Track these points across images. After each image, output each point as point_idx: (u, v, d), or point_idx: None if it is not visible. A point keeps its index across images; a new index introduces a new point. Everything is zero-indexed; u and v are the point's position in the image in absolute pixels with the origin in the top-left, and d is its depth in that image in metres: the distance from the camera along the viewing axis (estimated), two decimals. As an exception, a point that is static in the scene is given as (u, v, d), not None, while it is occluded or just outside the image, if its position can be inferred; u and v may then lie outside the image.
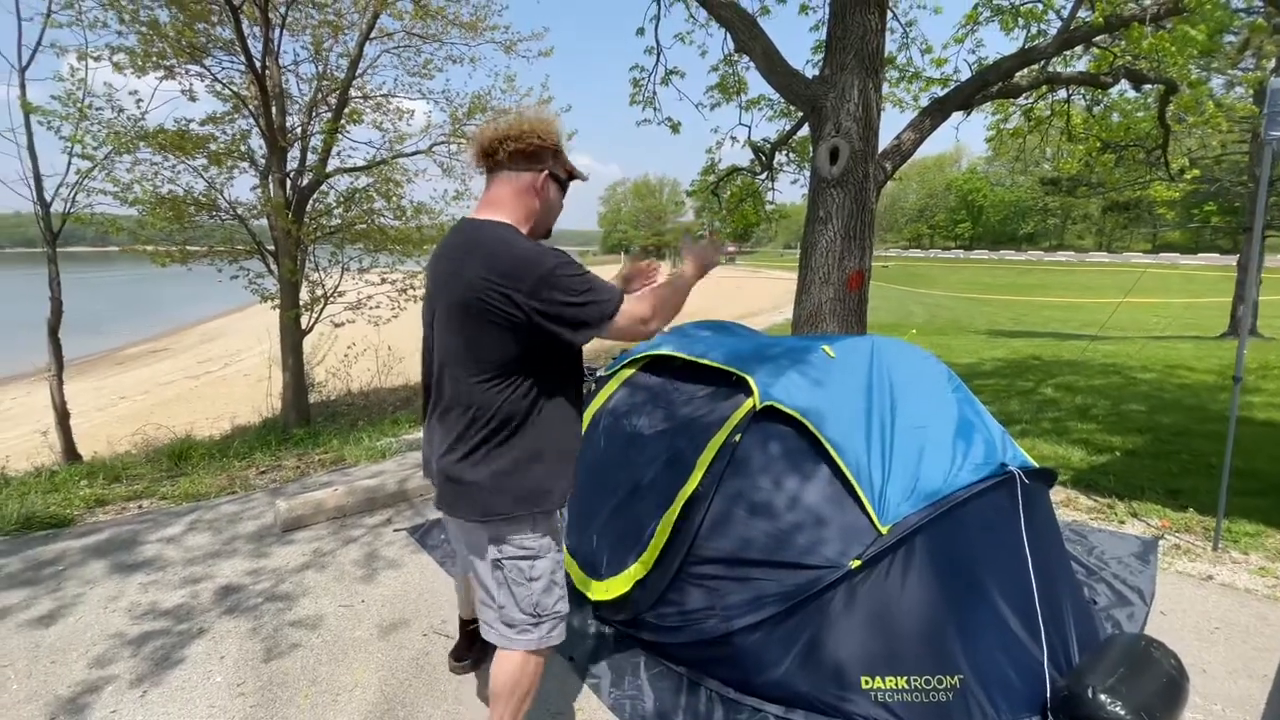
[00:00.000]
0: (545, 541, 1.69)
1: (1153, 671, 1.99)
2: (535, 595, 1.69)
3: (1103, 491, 4.16)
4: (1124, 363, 9.48)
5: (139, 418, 10.76)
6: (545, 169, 1.66)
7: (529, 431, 1.61)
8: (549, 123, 1.66)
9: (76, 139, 6.17)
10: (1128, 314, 21.37)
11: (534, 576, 1.68)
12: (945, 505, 2.08)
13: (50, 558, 3.27)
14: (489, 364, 1.57)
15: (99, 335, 23.07)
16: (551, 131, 1.65)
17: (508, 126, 1.64)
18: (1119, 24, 4.68)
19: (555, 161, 1.68)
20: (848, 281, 4.61)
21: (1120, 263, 52.43)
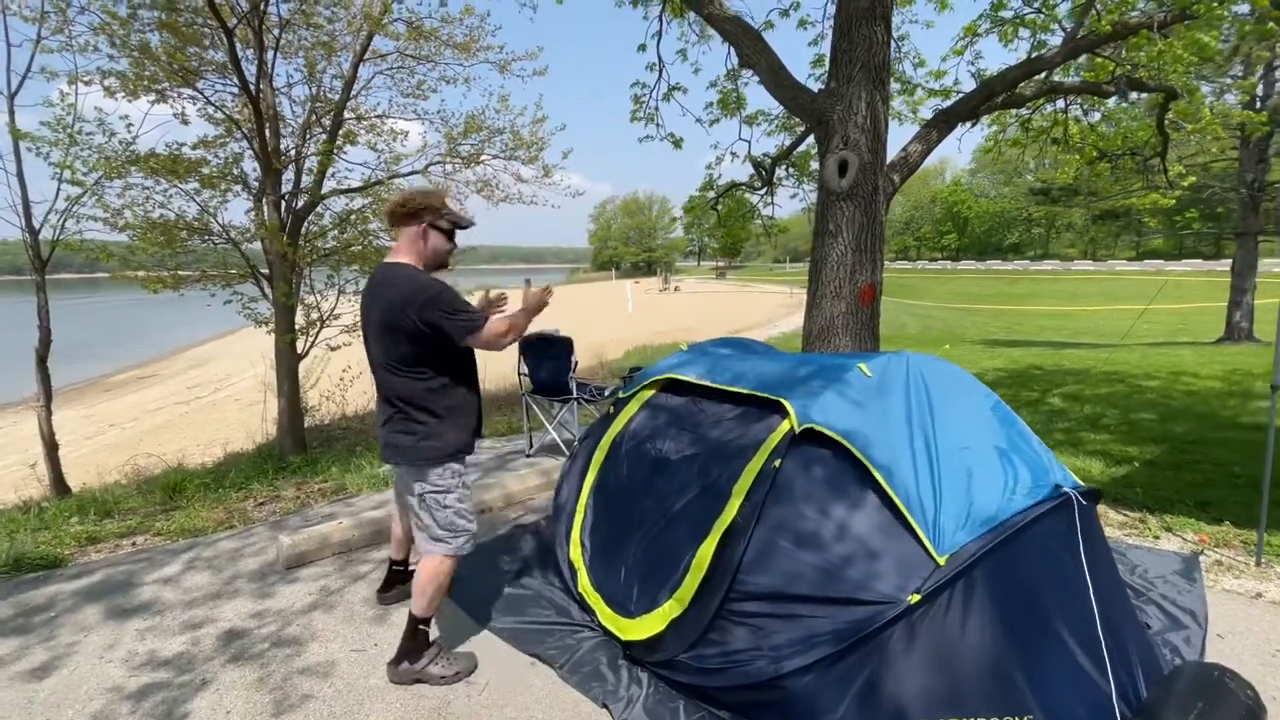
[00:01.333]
0: (452, 481, 2.45)
1: (1230, 704, 1.87)
2: (449, 516, 2.45)
3: (1131, 505, 4.07)
4: (1127, 371, 9.46)
5: (129, 446, 10.51)
6: (425, 223, 2.40)
7: (433, 406, 2.39)
8: (429, 192, 2.43)
9: (66, 165, 6.01)
10: (1119, 321, 21.51)
11: (446, 505, 2.44)
12: (1003, 532, 1.97)
13: (42, 602, 3.08)
14: (401, 362, 2.36)
15: (86, 362, 22.68)
16: (430, 197, 2.41)
17: (398, 198, 2.44)
18: (1125, 32, 4.67)
19: (434, 216, 2.41)
20: (860, 295, 4.53)
21: (1105, 270, 53.03)
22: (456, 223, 2.48)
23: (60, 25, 5.85)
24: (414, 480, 2.44)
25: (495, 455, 5.72)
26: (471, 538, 2.51)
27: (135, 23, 5.92)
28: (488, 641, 2.72)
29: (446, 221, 2.43)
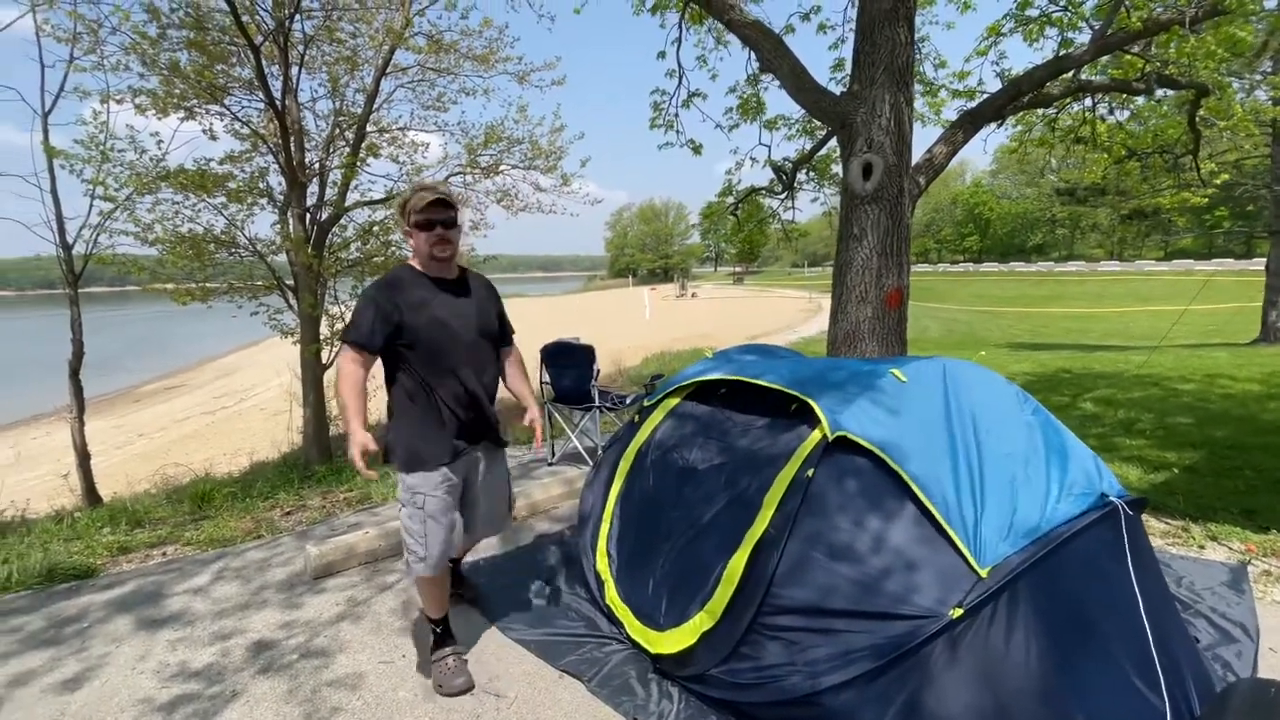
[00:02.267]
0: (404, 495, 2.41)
1: (1294, 725, 1.78)
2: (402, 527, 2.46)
3: (1173, 513, 3.94)
4: (1161, 374, 9.22)
5: (157, 455, 10.70)
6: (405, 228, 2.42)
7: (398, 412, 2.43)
8: (401, 196, 2.51)
9: (98, 181, 6.16)
10: (1149, 322, 21.03)
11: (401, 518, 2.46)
12: (1048, 543, 1.90)
13: (74, 613, 3.12)
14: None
15: (116, 373, 23.22)
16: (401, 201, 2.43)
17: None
18: (1156, 28, 4.56)
19: (405, 220, 2.40)
20: (886, 299, 4.46)
21: (1133, 271, 51.95)
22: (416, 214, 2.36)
23: (92, 45, 6.00)
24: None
25: (518, 464, 5.71)
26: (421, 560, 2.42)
27: (165, 42, 6.04)
28: (515, 653, 2.70)
29: (410, 219, 2.38)
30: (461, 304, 2.44)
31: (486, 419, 2.49)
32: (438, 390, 2.36)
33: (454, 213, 2.38)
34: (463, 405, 2.39)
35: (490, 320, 2.55)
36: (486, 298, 2.58)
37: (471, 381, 2.41)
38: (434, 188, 2.39)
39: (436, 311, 2.35)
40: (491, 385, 2.52)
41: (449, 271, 2.47)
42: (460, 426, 2.41)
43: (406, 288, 2.36)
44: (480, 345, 2.47)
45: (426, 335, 2.33)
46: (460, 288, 2.49)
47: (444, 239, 2.37)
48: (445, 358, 2.36)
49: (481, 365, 2.47)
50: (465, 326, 2.41)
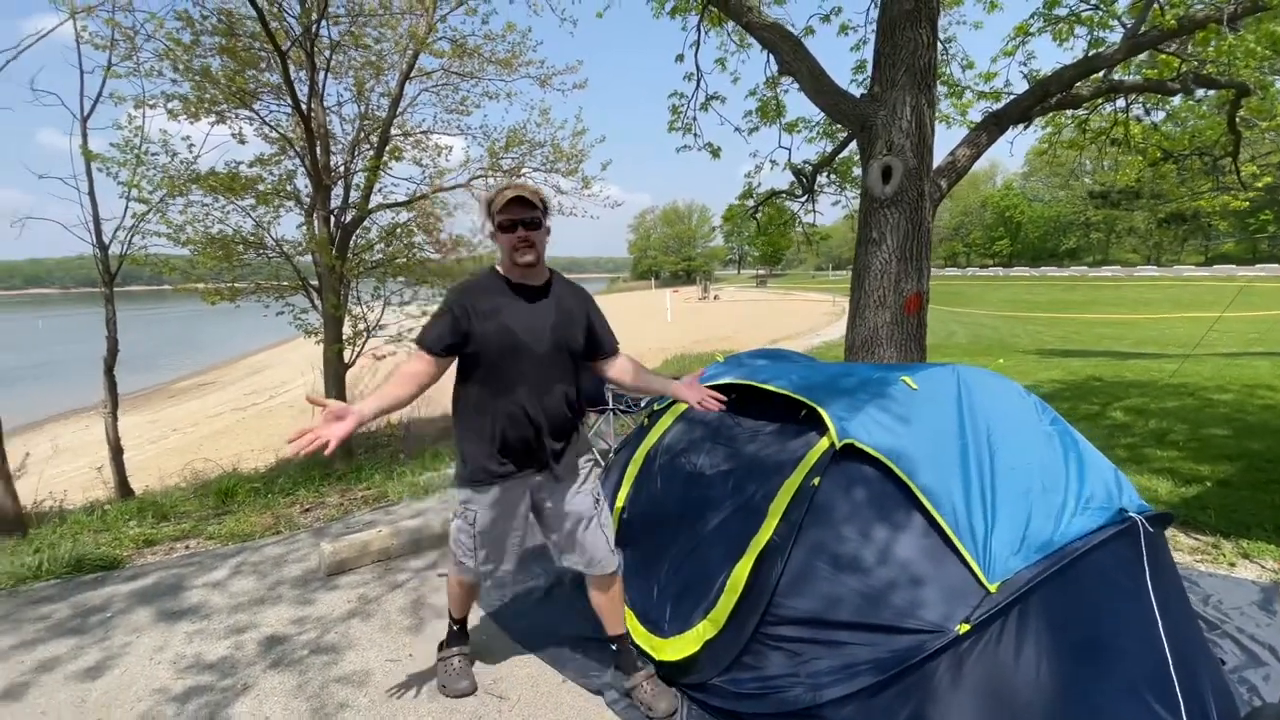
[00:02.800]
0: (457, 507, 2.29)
1: (1321, 755, 1.70)
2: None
3: (1203, 529, 3.80)
4: (1197, 383, 8.92)
5: (188, 450, 10.99)
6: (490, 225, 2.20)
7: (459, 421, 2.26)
8: (486, 196, 2.22)
9: (134, 184, 6.35)
10: (1187, 330, 20.39)
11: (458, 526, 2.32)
12: (1061, 559, 1.85)
13: (99, 603, 3.21)
14: None
15: (153, 369, 23.93)
16: (485, 200, 2.21)
17: None
18: (1192, 26, 4.42)
19: (489, 218, 2.20)
20: (905, 304, 4.39)
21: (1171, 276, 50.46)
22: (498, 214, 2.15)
23: (129, 52, 6.18)
24: None
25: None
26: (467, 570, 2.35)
27: (198, 49, 6.21)
28: (519, 656, 2.70)
29: (491, 222, 2.19)
30: (539, 314, 2.19)
31: (546, 443, 2.21)
32: (494, 405, 2.16)
33: (538, 212, 2.14)
34: (516, 426, 2.16)
35: (573, 333, 2.25)
36: (573, 308, 2.28)
37: (530, 402, 2.16)
38: (518, 185, 2.15)
39: (507, 320, 2.13)
40: (557, 407, 2.22)
41: (533, 277, 2.22)
42: (509, 449, 2.18)
43: (482, 293, 2.17)
44: (553, 361, 2.19)
45: (491, 345, 2.12)
46: (543, 296, 2.23)
47: (526, 241, 2.12)
48: (506, 372, 2.15)
49: (547, 384, 2.18)
50: (537, 339, 2.16)
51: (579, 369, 2.32)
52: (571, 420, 2.29)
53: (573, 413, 2.29)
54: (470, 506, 2.23)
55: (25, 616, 3.07)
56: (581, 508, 2.30)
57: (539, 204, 2.15)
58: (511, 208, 2.12)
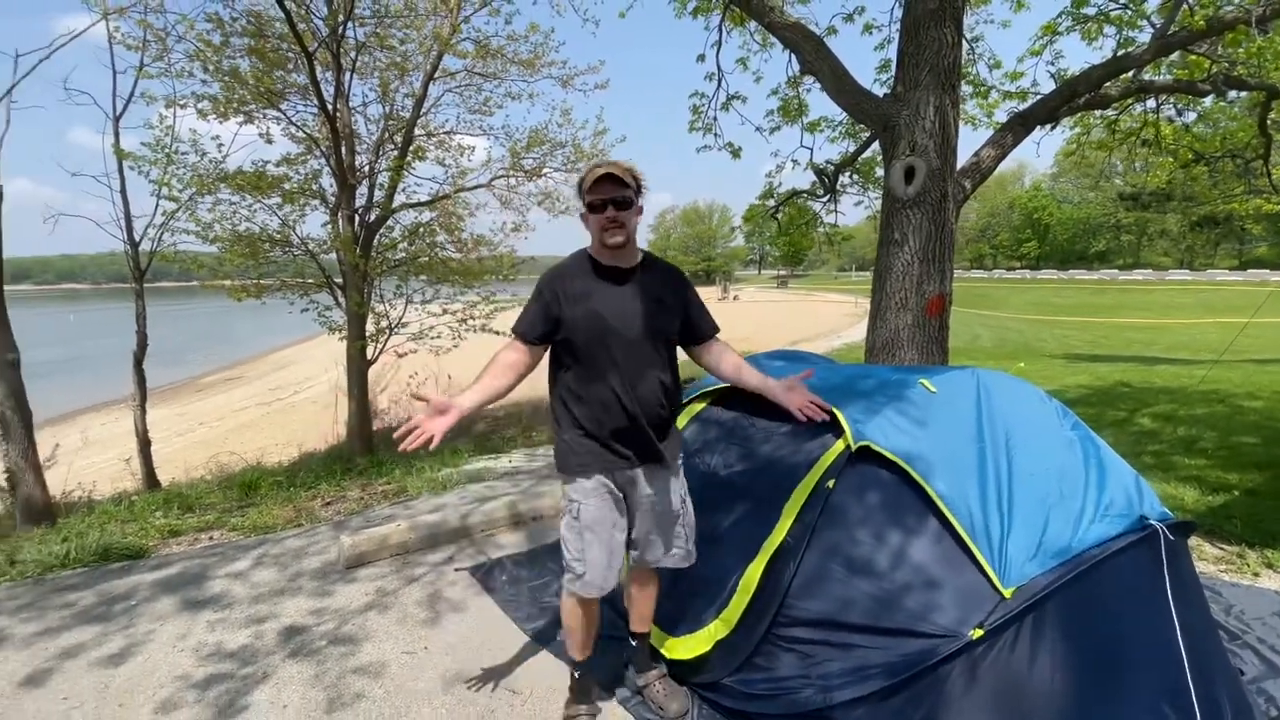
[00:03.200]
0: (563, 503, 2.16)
1: (1349, 773, 1.65)
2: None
3: (1229, 538, 3.71)
4: (1228, 390, 8.70)
5: (214, 444, 11.21)
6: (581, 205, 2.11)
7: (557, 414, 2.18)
8: (579, 176, 2.09)
9: (164, 182, 6.51)
10: (1219, 335, 19.87)
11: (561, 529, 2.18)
12: (1078, 565, 1.82)
13: (123, 592, 3.29)
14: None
15: (181, 364, 24.47)
16: (578, 181, 2.10)
17: None
18: (1221, 27, 4.32)
19: (580, 198, 2.10)
20: (927, 306, 4.34)
21: (1204, 280, 49.19)
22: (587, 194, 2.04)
23: (160, 53, 6.33)
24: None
25: (548, 463, 5.77)
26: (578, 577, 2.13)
27: (227, 50, 6.34)
28: (532, 650, 2.72)
29: (584, 199, 2.07)
30: (629, 298, 2.07)
31: (641, 431, 2.09)
32: (588, 393, 2.08)
33: (629, 191, 2.02)
34: (611, 413, 2.06)
35: (667, 318, 2.14)
36: (668, 291, 2.15)
37: (623, 389, 2.05)
38: (609, 162, 2.02)
39: (596, 305, 2.04)
40: (653, 393, 2.10)
41: (624, 259, 2.10)
42: (610, 436, 2.08)
43: (572, 277, 2.09)
44: (644, 347, 2.07)
45: (580, 331, 2.04)
46: (634, 279, 2.10)
47: (616, 222, 2.01)
48: (598, 358, 2.05)
49: (640, 370, 2.07)
50: (628, 324, 2.05)
51: (674, 356, 2.21)
52: (668, 410, 2.16)
53: (669, 402, 2.16)
54: (574, 499, 2.12)
55: (51, 604, 3.16)
56: (674, 504, 2.21)
57: (631, 182, 2.03)
58: (601, 186, 2.00)
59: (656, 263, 2.20)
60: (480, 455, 6.51)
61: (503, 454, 6.53)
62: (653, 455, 2.12)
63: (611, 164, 2.01)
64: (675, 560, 2.25)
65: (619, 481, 2.14)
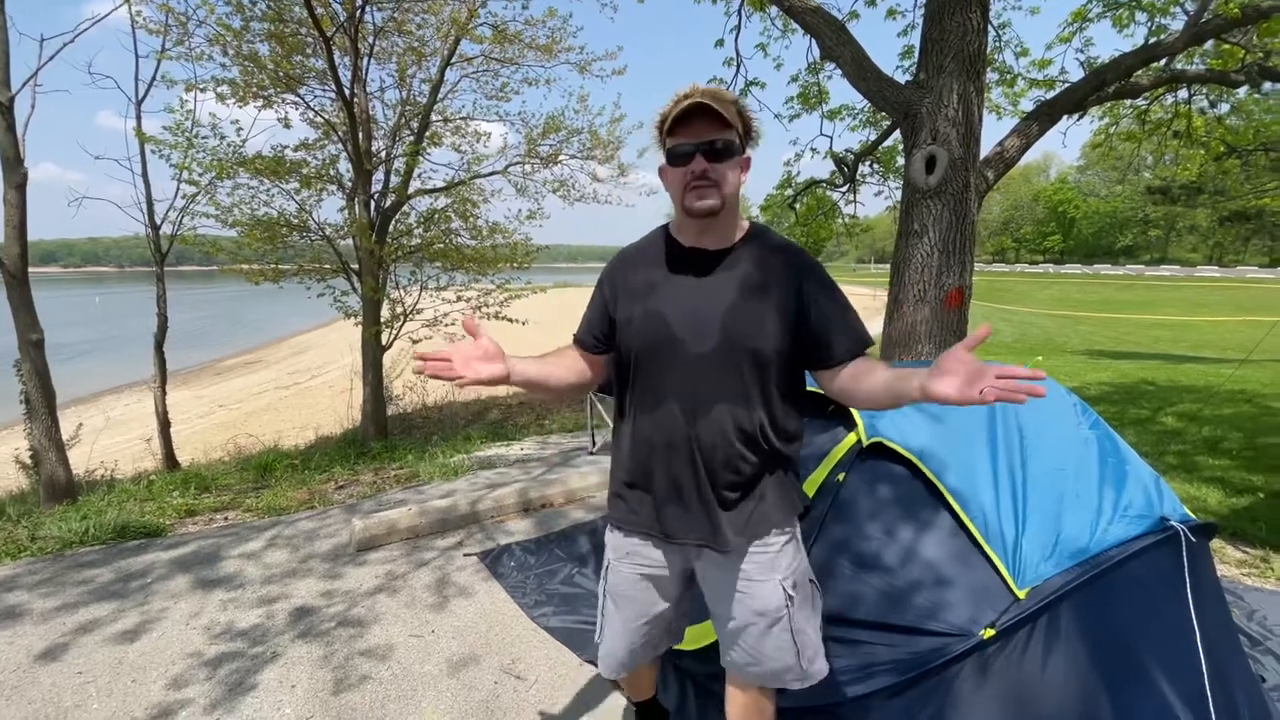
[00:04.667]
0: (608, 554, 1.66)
1: (1373, 787, 1.60)
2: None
3: (1252, 541, 3.62)
4: (1255, 389, 8.49)
5: (233, 426, 11.40)
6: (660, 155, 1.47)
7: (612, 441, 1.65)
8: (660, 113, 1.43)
9: (184, 166, 6.56)
10: (1249, 333, 19.40)
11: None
12: (1095, 567, 1.77)
13: (139, 569, 3.35)
14: None
15: (202, 347, 24.87)
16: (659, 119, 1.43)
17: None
18: (1257, 16, 4.16)
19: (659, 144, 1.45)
20: (946, 299, 4.26)
21: (1234, 277, 48.02)
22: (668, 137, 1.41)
23: (181, 37, 6.36)
24: None
25: (560, 451, 5.78)
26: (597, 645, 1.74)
27: (247, 34, 6.35)
28: (539, 638, 2.73)
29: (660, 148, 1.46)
30: (711, 294, 1.44)
31: (696, 494, 1.46)
32: (636, 428, 1.51)
33: (731, 134, 1.37)
34: (659, 460, 1.47)
35: (763, 325, 1.41)
36: (771, 283, 1.43)
37: (678, 426, 1.44)
38: (704, 89, 1.36)
39: (659, 302, 1.46)
40: (721, 438, 1.43)
41: (715, 237, 1.47)
42: (658, 490, 1.49)
43: (638, 263, 1.54)
44: (720, 365, 1.41)
45: (633, 338, 1.49)
46: (725, 266, 1.46)
47: (707, 179, 1.37)
48: (651, 377, 1.47)
49: (707, 399, 1.42)
50: (698, 331, 1.42)
51: (772, 385, 1.44)
52: (745, 465, 1.45)
53: (754, 453, 1.45)
54: (607, 553, 1.64)
55: (69, 580, 3.22)
56: (757, 603, 1.49)
57: (735, 120, 1.36)
58: (690, 125, 1.36)
59: (768, 241, 1.50)
60: (493, 442, 6.54)
61: (515, 441, 6.56)
62: (720, 529, 1.45)
63: (709, 91, 1.35)
64: (771, 678, 1.57)
65: (682, 556, 1.56)
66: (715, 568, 1.52)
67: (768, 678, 1.56)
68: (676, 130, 1.38)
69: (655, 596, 1.59)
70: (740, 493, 1.46)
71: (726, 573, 1.51)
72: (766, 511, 1.48)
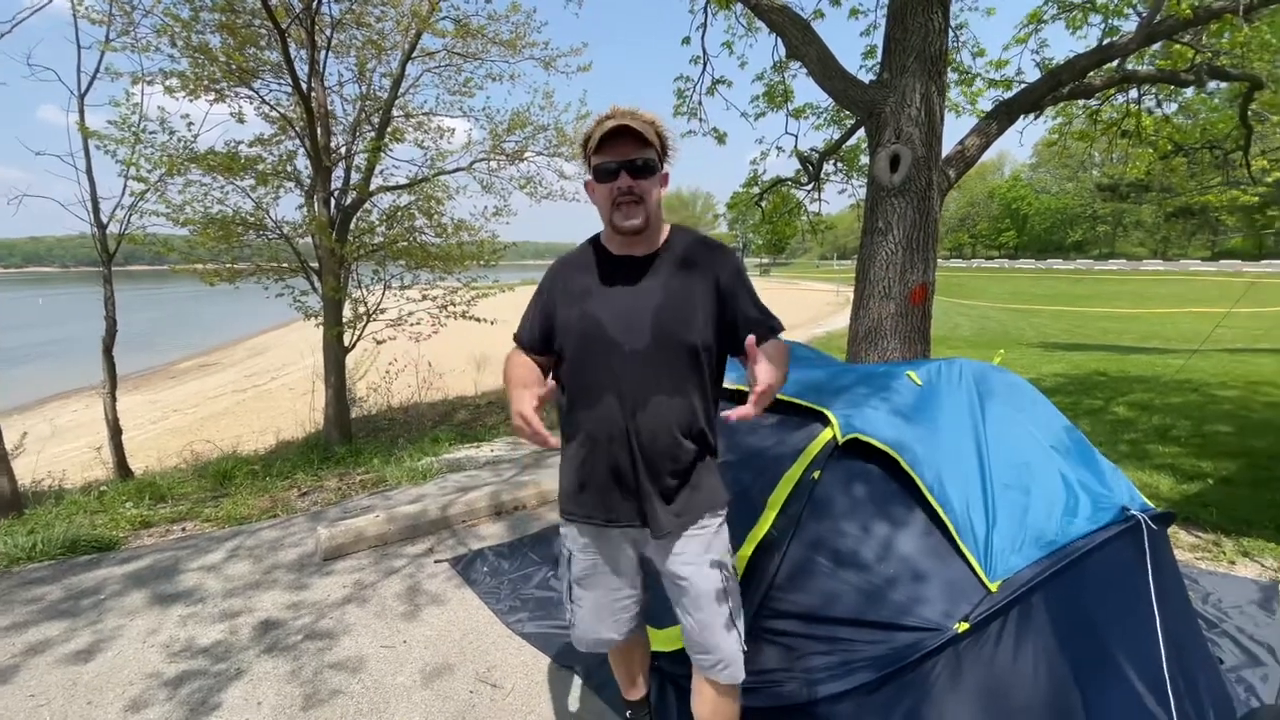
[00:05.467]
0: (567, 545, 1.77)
1: (1322, 760, 1.68)
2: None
3: (1204, 526, 3.78)
4: (1201, 379, 8.88)
5: (189, 431, 11.00)
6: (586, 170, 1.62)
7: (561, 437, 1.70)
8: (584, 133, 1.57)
9: (132, 162, 6.28)
10: (1192, 325, 20.29)
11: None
12: (1063, 558, 1.82)
13: (92, 585, 3.20)
14: None
15: (154, 350, 23.95)
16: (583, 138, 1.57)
17: None
18: (1208, 17, 4.33)
19: (584, 160, 1.59)
20: (911, 295, 4.34)
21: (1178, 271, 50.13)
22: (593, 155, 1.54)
23: (126, 27, 6.09)
24: None
25: (532, 452, 5.72)
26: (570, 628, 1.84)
27: (196, 25, 6.11)
28: (514, 644, 2.69)
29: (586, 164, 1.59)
30: (639, 294, 1.57)
31: (636, 484, 1.57)
32: (578, 422, 1.63)
33: (650, 152, 1.51)
34: (601, 453, 1.58)
35: (686, 322, 1.55)
36: (700, 282, 1.58)
37: (617, 419, 1.55)
38: (625, 111, 1.50)
39: (594, 306, 1.58)
40: (660, 428, 1.55)
41: (641, 245, 1.60)
42: (595, 484, 1.61)
43: (575, 268, 1.66)
44: (655, 361, 1.54)
45: (572, 339, 1.60)
46: (654, 271, 1.59)
47: (632, 195, 1.51)
48: (591, 375, 1.58)
49: (644, 394, 1.54)
50: (631, 330, 1.54)
51: (703, 377, 1.59)
52: (683, 452, 1.58)
53: (691, 441, 1.58)
54: (565, 544, 1.77)
55: (17, 598, 3.06)
56: (703, 584, 1.62)
57: (654, 138, 1.50)
58: (613, 145, 1.49)
59: (689, 242, 1.63)
60: (461, 444, 6.44)
61: (485, 442, 6.47)
62: (661, 515, 1.57)
63: (628, 113, 1.49)
64: (723, 672, 1.66)
65: (630, 542, 1.70)
66: (661, 551, 1.65)
67: (718, 668, 1.67)
68: (601, 149, 1.51)
69: (616, 582, 1.74)
70: (679, 480, 1.60)
71: (672, 555, 1.64)
72: (703, 496, 1.63)
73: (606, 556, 1.72)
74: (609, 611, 1.76)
